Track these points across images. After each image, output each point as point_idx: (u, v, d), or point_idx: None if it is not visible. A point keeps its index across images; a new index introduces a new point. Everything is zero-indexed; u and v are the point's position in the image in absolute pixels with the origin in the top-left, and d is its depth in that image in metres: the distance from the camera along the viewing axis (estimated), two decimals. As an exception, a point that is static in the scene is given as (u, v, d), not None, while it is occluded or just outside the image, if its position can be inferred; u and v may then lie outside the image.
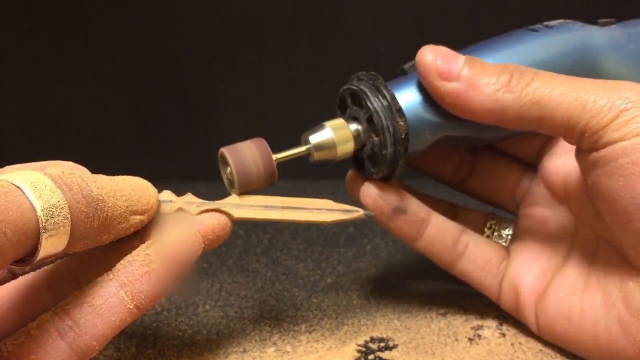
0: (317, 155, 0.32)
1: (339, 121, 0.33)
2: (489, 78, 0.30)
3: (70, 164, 0.29)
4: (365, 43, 0.56)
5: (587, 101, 0.28)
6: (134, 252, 0.28)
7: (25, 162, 0.29)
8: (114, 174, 0.28)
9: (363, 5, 0.55)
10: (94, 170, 0.29)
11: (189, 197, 0.31)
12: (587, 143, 0.28)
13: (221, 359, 0.34)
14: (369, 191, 0.33)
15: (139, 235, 0.29)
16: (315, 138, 0.32)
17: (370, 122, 0.32)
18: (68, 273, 0.30)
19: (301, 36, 0.56)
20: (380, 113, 0.31)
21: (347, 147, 0.32)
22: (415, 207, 0.34)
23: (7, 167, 0.28)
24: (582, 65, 0.33)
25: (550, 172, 0.35)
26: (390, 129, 0.31)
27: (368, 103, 0.31)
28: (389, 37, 0.56)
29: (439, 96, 0.31)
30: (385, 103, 0.31)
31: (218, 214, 0.31)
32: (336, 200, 0.33)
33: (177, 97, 0.57)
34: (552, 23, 0.35)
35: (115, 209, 0.27)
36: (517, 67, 0.30)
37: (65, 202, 0.24)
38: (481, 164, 0.38)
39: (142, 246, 0.28)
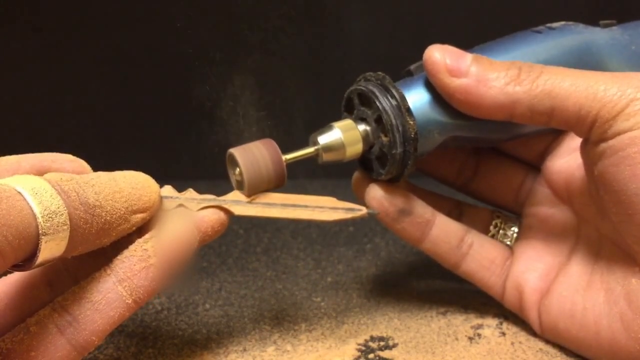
0: (325, 157, 0.32)
1: (348, 122, 0.32)
2: (498, 73, 0.30)
3: (69, 156, 0.29)
4: (365, 43, 0.56)
5: (597, 90, 0.28)
6: (132, 247, 0.28)
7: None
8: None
9: (363, 5, 0.55)
10: (95, 169, 0.29)
11: (190, 193, 0.31)
12: (597, 134, 0.28)
13: (221, 358, 0.34)
14: (375, 193, 0.33)
15: (137, 229, 0.29)
16: (324, 139, 0.32)
17: (379, 122, 0.32)
18: (66, 268, 0.30)
19: (301, 36, 0.56)
20: (390, 112, 0.31)
21: (356, 148, 0.32)
22: (420, 208, 0.34)
23: (3, 158, 0.28)
24: (586, 66, 0.33)
25: (553, 172, 0.35)
26: (400, 128, 0.31)
27: (377, 102, 0.31)
28: (389, 37, 0.56)
29: (449, 93, 0.31)
30: (394, 102, 0.31)
31: (217, 210, 0.31)
32: (337, 198, 0.32)
33: (177, 97, 0.57)
34: (554, 25, 0.35)
35: (114, 212, 0.27)
36: (525, 62, 0.30)
37: (64, 208, 0.24)
38: (485, 165, 0.38)
39: (140, 241, 0.28)
